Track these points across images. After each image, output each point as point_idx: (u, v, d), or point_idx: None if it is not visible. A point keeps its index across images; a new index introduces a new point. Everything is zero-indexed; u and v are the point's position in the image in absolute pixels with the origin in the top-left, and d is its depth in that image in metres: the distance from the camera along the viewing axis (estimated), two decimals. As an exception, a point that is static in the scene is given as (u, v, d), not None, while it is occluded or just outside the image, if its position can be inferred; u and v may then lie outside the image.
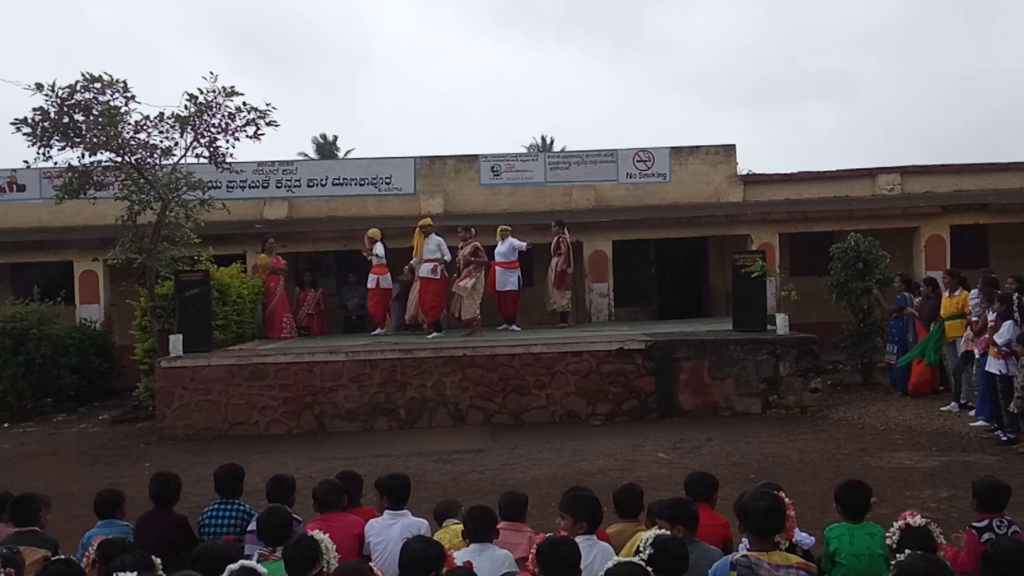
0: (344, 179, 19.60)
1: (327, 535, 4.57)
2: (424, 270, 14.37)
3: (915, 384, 12.88)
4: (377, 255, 15.41)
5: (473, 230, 15.03)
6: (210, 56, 78.47)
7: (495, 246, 15.32)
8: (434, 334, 14.24)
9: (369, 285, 15.56)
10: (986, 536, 4.78)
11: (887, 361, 13.80)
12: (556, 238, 15.61)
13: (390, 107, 75.43)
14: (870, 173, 19.40)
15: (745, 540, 4.41)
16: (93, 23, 78.32)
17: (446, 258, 14.66)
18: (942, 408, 11.83)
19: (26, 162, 13.84)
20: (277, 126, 14.28)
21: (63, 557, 4.31)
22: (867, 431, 11.00)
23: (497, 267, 15.16)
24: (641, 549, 4.12)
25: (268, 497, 5.95)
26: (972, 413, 11.12)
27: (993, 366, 10.03)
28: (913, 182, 19.24)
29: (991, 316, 10.22)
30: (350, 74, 79.24)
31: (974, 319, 11.19)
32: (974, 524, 5.09)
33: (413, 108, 74.90)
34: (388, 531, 5.45)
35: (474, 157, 19.68)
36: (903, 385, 13.16)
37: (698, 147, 19.62)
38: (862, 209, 17.65)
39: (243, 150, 14.14)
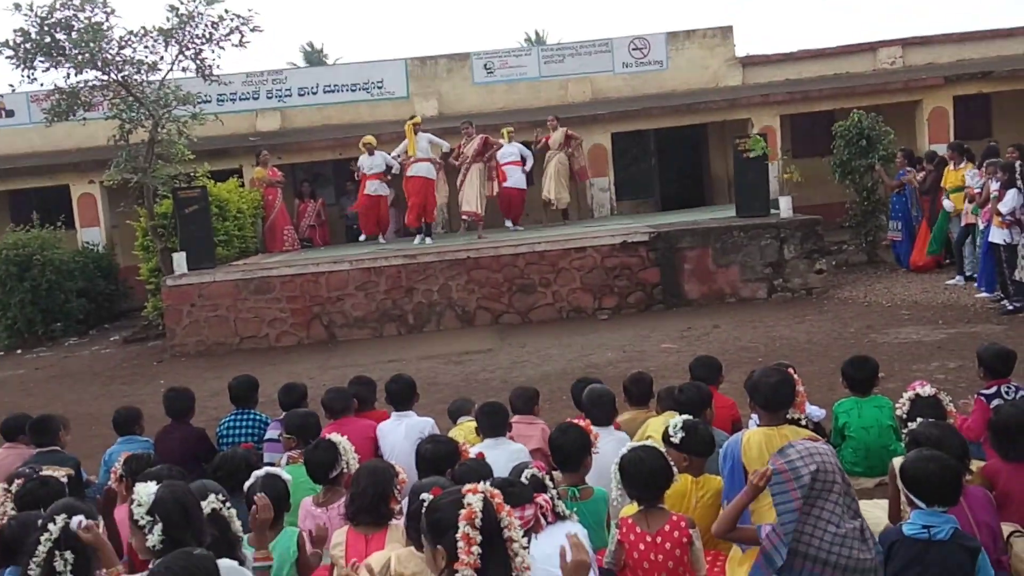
0: (335, 86, 19.27)
1: (344, 437, 4.65)
2: (420, 169, 13.88)
3: (917, 259, 12.88)
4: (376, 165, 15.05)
5: (473, 126, 14.68)
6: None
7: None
8: (428, 240, 13.89)
9: (368, 191, 15.13)
10: (995, 402, 4.84)
11: (891, 238, 13.76)
12: (565, 132, 15.39)
13: (375, 5, 73.37)
14: (871, 47, 18.99)
15: (755, 417, 4.48)
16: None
17: (444, 149, 14.45)
18: (947, 282, 11.85)
19: (11, 86, 13.67)
20: (261, 31, 14.03)
21: (39, 476, 4.39)
22: (873, 308, 11.05)
23: (507, 166, 14.90)
24: (672, 434, 4.21)
25: (281, 405, 6.04)
26: (976, 284, 11.15)
27: (997, 236, 9.99)
28: (915, 54, 18.84)
29: (994, 186, 10.13)
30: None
31: (976, 191, 11.10)
32: (982, 391, 5.15)
33: (399, 6, 72.95)
34: (394, 432, 5.57)
35: (466, 55, 19.28)
36: (908, 261, 13.16)
37: (694, 30, 19.17)
38: (863, 85, 17.34)
39: (231, 61, 13.87)
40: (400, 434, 5.53)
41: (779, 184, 15.15)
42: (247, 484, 4.16)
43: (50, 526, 3.34)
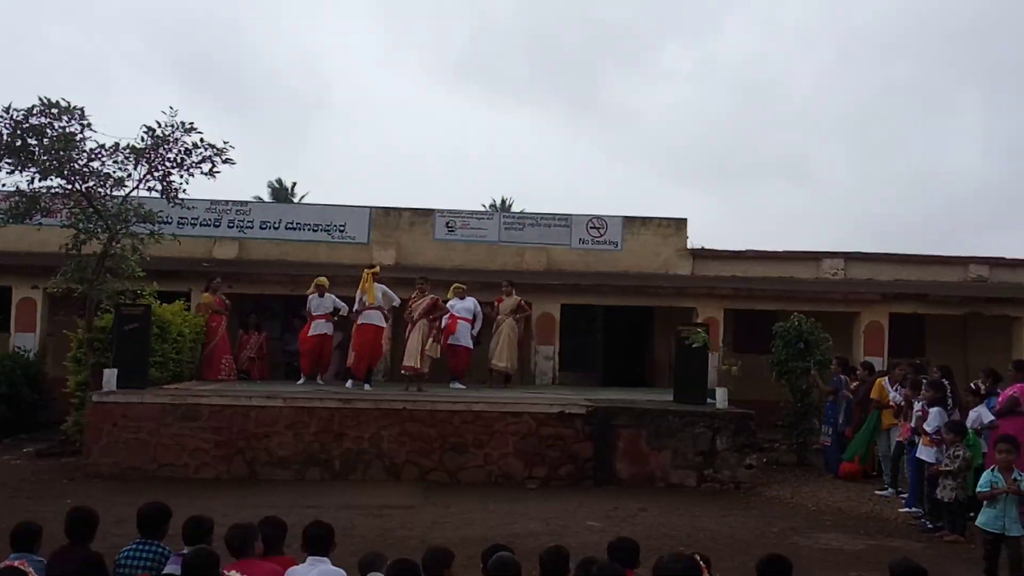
0: (297, 223, 19.56)
1: (245, 578, 4.49)
2: (373, 318, 14.15)
3: (845, 467, 13.07)
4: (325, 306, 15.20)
5: (428, 283, 14.93)
6: (166, 88, 78.03)
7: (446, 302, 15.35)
8: (366, 386, 13.97)
9: (313, 332, 15.18)
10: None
11: (822, 443, 14.00)
12: (518, 301, 15.75)
13: (346, 155, 75.58)
14: (815, 256, 19.88)
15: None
16: (48, 44, 77.47)
17: (395, 303, 14.59)
18: (877, 492, 11.98)
19: (-28, 183, 13.57)
20: (233, 164, 14.21)
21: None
22: (798, 511, 11.09)
23: (460, 320, 15.14)
24: None
25: (184, 539, 5.82)
26: (902, 499, 11.30)
27: (924, 453, 10.22)
28: (856, 268, 19.75)
29: (918, 405, 10.46)
30: (306, 119, 79.36)
31: (896, 404, 11.47)
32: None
33: (369, 158, 75.19)
34: (305, 576, 5.38)
35: (429, 211, 19.80)
36: (835, 468, 13.33)
37: (650, 218, 19.97)
38: (805, 291, 18.05)
39: (196, 188, 13.96)
40: (311, 580, 5.35)
41: (717, 375, 15.45)
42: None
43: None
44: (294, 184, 43.80)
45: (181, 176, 14.12)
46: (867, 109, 76.68)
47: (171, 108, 13.78)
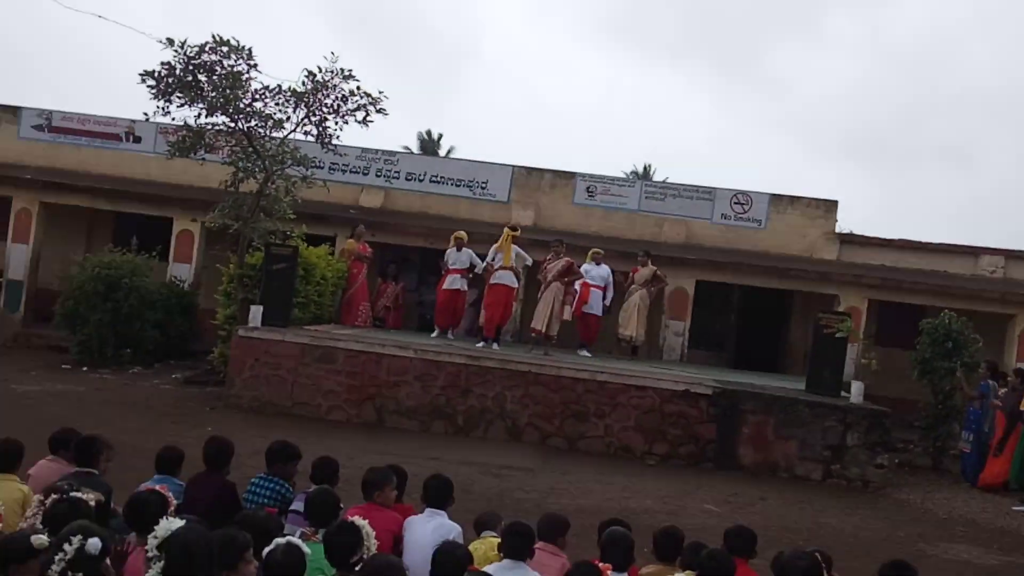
0: (441, 177, 19.81)
1: (367, 522, 4.65)
2: (506, 278, 14.15)
3: (986, 477, 12.42)
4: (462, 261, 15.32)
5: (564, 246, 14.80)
6: (322, 30, 79.89)
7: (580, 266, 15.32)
8: (495, 346, 13.97)
9: (447, 286, 15.39)
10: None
11: (961, 448, 13.33)
12: (654, 271, 15.58)
13: (493, 109, 75.85)
14: (973, 251, 18.77)
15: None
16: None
17: (528, 263, 14.67)
18: (1014, 507, 11.37)
19: (145, 114, 14.07)
20: (387, 114, 14.46)
21: (70, 498, 4.45)
22: (928, 517, 10.65)
23: (593, 288, 15.12)
24: None
25: (312, 478, 6.07)
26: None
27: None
28: (1017, 267, 18.52)
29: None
30: (456, 68, 79.91)
31: None
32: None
33: (516, 114, 75.20)
34: (423, 527, 5.53)
35: (571, 174, 19.70)
36: (973, 476, 12.69)
37: (799, 198, 19.26)
38: (959, 287, 17.09)
39: (348, 135, 14.36)
40: (428, 531, 5.49)
41: (855, 368, 14.89)
42: (266, 550, 4.17)
43: (65, 546, 3.41)
44: (440, 136, 44.45)
45: (336, 123, 14.52)
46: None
47: (332, 54, 14.12)
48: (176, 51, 13.62)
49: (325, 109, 14.42)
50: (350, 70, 14.08)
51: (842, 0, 79.73)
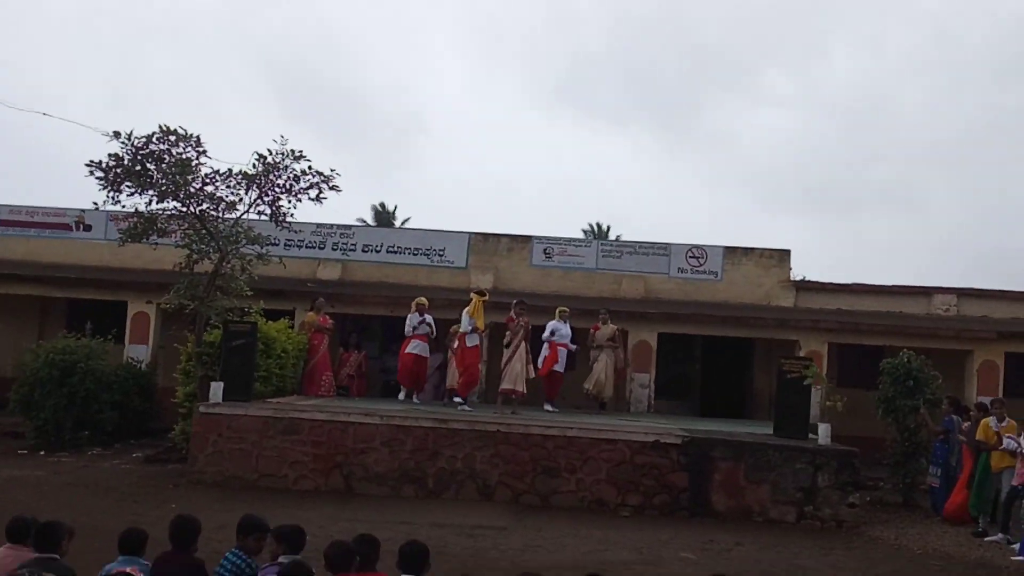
0: (398, 247, 19.93)
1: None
2: (477, 340, 14.50)
3: (952, 509, 12.46)
4: (423, 323, 15.43)
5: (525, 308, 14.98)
6: (267, 112, 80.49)
7: (542, 327, 15.47)
8: (465, 408, 14.04)
9: (411, 350, 15.43)
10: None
11: (930, 483, 13.41)
12: (615, 329, 15.86)
13: (444, 179, 76.24)
14: (926, 291, 19.19)
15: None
16: (153, 68, 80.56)
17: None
18: (987, 538, 11.42)
19: (95, 203, 14.25)
20: (339, 191, 14.70)
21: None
22: (903, 553, 10.64)
23: (559, 347, 15.33)
24: None
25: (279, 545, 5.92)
26: (1015, 546, 10.73)
27: (1039, 500, 9.70)
28: (969, 305, 18.96)
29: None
30: (404, 142, 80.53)
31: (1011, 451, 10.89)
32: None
33: (467, 182, 75.74)
34: (399, 595, 5.42)
35: (527, 238, 19.91)
36: (943, 510, 12.74)
37: (752, 249, 19.62)
38: (915, 327, 17.40)
39: (302, 211, 14.47)
40: (404, 598, 5.39)
41: (820, 410, 15.00)
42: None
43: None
44: (395, 208, 44.65)
45: (289, 201, 14.68)
46: (979, 137, 73.80)
47: (282, 136, 14.40)
48: (123, 143, 13.76)
49: (277, 189, 14.57)
50: (300, 151, 14.34)
51: (777, 57, 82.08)
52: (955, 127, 75.67)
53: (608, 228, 44.20)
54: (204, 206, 14.31)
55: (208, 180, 14.31)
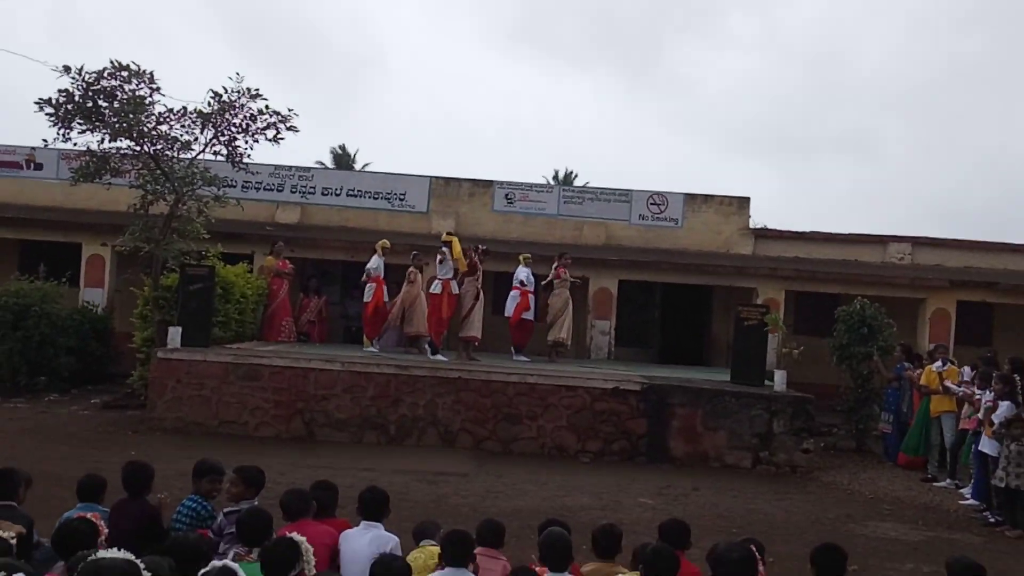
0: (359, 191, 19.68)
1: (304, 537, 4.55)
2: (454, 286, 14.08)
3: (906, 457, 12.81)
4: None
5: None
6: (219, 46, 78.43)
7: (511, 273, 15.36)
8: (439, 356, 13.84)
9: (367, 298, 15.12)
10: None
11: (881, 429, 13.75)
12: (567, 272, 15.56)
13: (401, 119, 75.18)
14: (881, 240, 19.43)
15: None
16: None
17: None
18: (935, 484, 11.75)
19: (45, 141, 13.77)
20: (297, 131, 14.34)
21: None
22: (855, 498, 10.93)
23: (530, 294, 15.09)
24: None
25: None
26: (964, 491, 11.07)
27: (987, 446, 9.98)
28: (923, 253, 19.25)
29: (988, 396, 10.19)
30: (360, 78, 79.06)
31: (978, 399, 11.12)
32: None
33: (425, 124, 74.84)
34: (358, 540, 5.46)
35: (489, 183, 19.77)
36: (895, 455, 13.09)
37: (712, 196, 19.67)
38: (871, 275, 17.66)
39: (260, 153, 14.18)
40: (364, 543, 5.42)
41: (776, 357, 15.24)
42: (201, 573, 4.04)
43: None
44: (356, 151, 44.05)
45: (246, 142, 14.30)
46: (937, 84, 74.44)
47: (237, 74, 14.00)
48: (74, 78, 13.29)
49: (234, 129, 14.19)
50: (256, 89, 13.93)
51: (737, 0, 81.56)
52: (914, 76, 76.15)
53: (574, 175, 44.08)
54: (159, 146, 13.93)
55: (162, 119, 13.91)
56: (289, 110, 14.20)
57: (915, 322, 17.64)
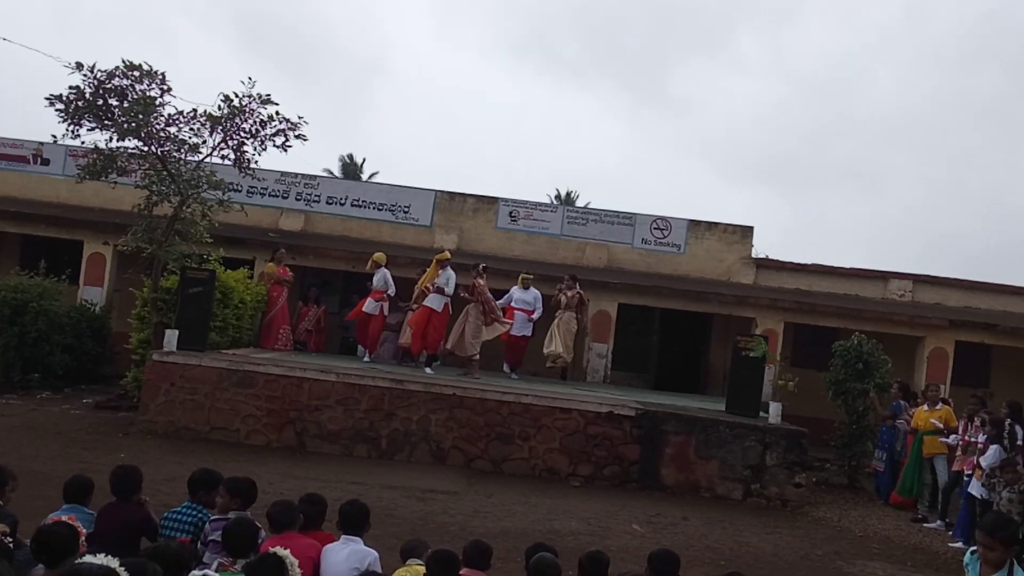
0: (363, 201, 19.70)
1: (288, 551, 4.53)
2: (434, 301, 14.09)
3: (896, 495, 12.76)
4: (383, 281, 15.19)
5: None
6: (224, 47, 78.64)
7: (506, 291, 15.39)
8: (428, 370, 13.96)
9: (367, 310, 15.17)
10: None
11: (874, 467, 13.70)
12: (575, 293, 15.55)
13: (407, 128, 75.47)
14: (882, 276, 19.43)
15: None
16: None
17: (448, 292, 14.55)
18: (925, 524, 11.70)
19: (54, 136, 13.74)
20: (306, 140, 14.33)
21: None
22: (845, 535, 10.87)
23: (518, 312, 15.13)
24: None
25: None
26: (952, 533, 11.02)
27: (975, 489, 9.95)
28: (924, 291, 19.25)
29: (980, 439, 10.17)
30: (366, 83, 79.19)
31: (972, 441, 11.08)
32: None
33: (429, 133, 75.01)
34: (336, 554, 5.44)
35: (494, 199, 19.79)
36: (887, 494, 13.04)
37: (716, 223, 19.70)
38: (870, 311, 17.64)
39: (266, 159, 14.15)
40: (342, 558, 5.40)
41: (772, 388, 15.21)
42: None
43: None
44: (363, 161, 44.23)
45: (254, 147, 14.30)
46: (945, 119, 74.63)
47: (249, 79, 13.96)
48: (85, 75, 13.30)
49: (243, 133, 14.19)
50: (268, 95, 13.93)
51: (747, 21, 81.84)
52: (922, 108, 76.35)
53: (576, 195, 44.20)
54: (166, 147, 13.93)
55: (172, 120, 13.91)
56: (299, 118, 14.19)
57: (913, 360, 17.61)
